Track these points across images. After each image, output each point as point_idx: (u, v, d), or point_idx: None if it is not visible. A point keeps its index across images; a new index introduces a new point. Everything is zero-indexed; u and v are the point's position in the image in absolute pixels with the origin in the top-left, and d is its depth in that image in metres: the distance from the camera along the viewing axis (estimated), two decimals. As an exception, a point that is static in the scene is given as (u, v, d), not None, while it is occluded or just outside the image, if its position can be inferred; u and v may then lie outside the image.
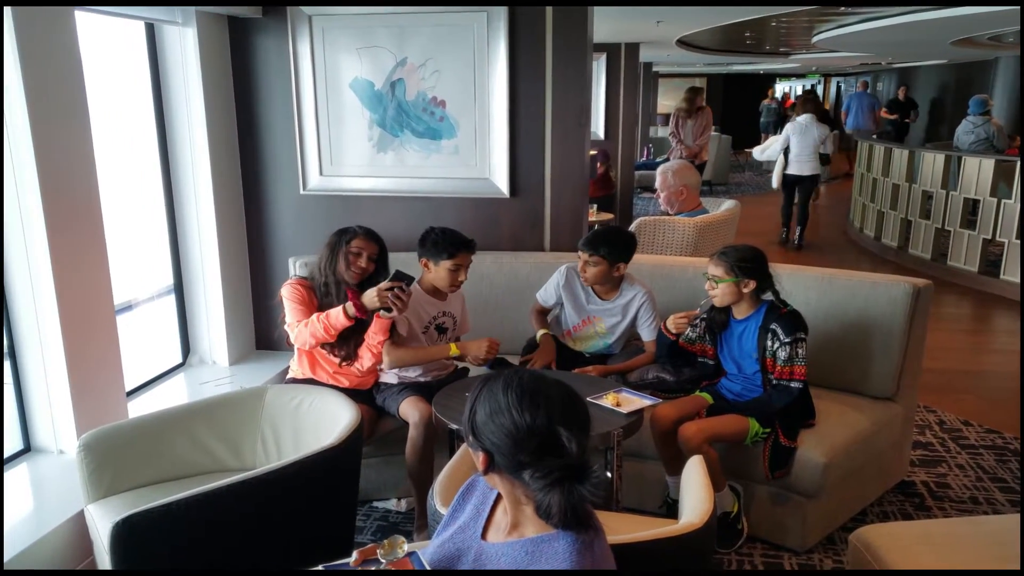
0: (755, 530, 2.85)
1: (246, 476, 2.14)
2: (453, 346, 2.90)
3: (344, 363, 2.96)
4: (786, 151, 7.76)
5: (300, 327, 2.86)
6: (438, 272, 2.90)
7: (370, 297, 2.75)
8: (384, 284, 2.74)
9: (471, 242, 2.91)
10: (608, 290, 3.15)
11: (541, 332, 3.18)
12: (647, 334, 3.13)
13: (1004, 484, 3.31)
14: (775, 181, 8.21)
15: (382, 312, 2.78)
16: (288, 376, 3.10)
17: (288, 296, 2.94)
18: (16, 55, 2.44)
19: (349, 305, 2.77)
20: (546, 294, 3.26)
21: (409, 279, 2.78)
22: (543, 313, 3.30)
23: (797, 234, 8.12)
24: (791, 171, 7.75)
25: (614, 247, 3.03)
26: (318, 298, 2.95)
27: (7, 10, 2.41)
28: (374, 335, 2.87)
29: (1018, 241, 6.24)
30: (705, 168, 9.09)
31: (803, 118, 7.67)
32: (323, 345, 2.91)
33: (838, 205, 10.93)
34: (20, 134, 2.50)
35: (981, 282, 6.56)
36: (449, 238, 2.87)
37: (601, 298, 3.16)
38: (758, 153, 8.63)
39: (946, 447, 3.66)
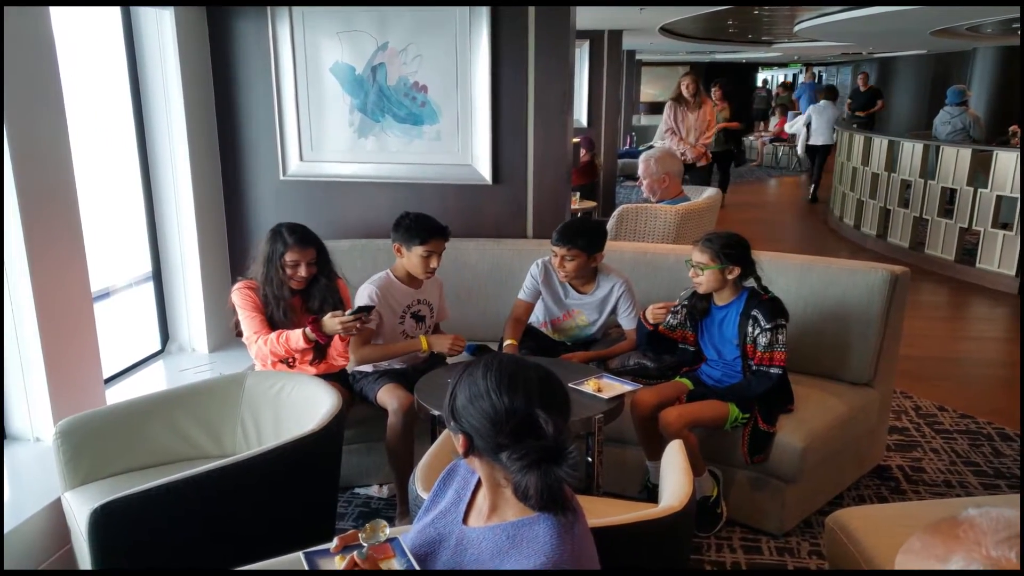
0: (734, 514, 2.88)
1: (225, 462, 2.13)
2: (423, 339, 2.89)
3: (315, 362, 2.92)
4: (808, 126, 10.60)
5: (260, 344, 2.78)
6: (410, 258, 2.88)
7: (332, 326, 2.69)
8: (348, 317, 2.68)
9: (445, 228, 2.88)
10: (585, 283, 3.11)
11: (508, 343, 3.04)
12: (627, 323, 3.12)
13: (977, 468, 3.36)
14: (800, 150, 11.68)
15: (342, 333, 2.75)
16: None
17: (241, 304, 2.83)
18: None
19: (308, 331, 2.71)
20: (527, 293, 3.17)
21: (370, 308, 2.78)
22: (519, 321, 3.16)
23: (812, 190, 10.59)
24: (812, 142, 10.45)
25: (591, 237, 2.99)
26: (265, 307, 2.85)
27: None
28: (341, 344, 2.89)
29: (994, 230, 6.32)
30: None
31: (822, 102, 10.56)
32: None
33: (819, 193, 11.00)
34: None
35: (957, 270, 6.65)
36: (422, 224, 2.85)
37: (579, 291, 3.12)
38: (788, 128, 12.50)
39: (921, 432, 3.71)
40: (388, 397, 2.80)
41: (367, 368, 2.98)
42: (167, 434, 2.55)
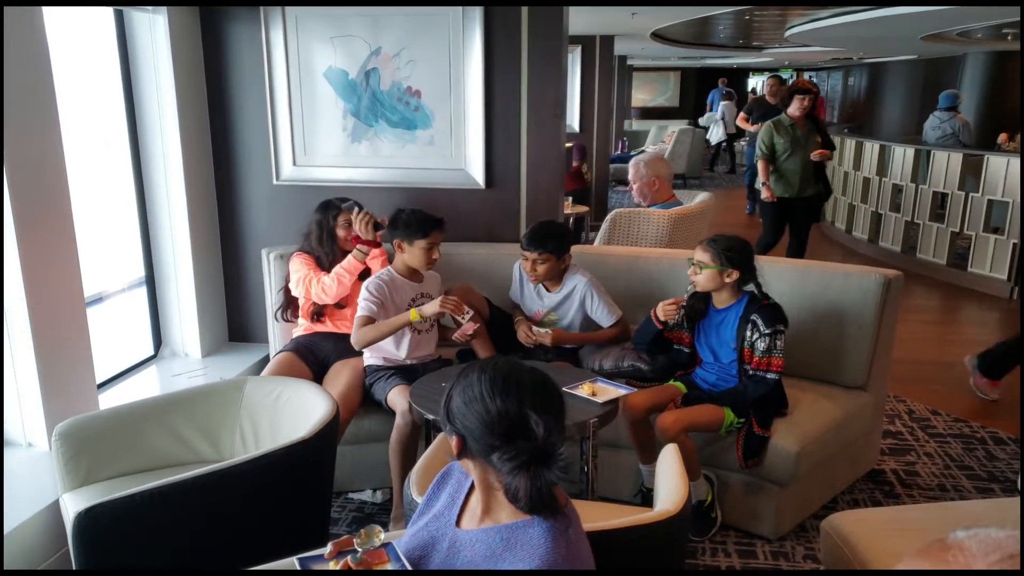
0: (728, 518, 2.88)
1: (212, 468, 2.11)
2: (413, 312, 2.90)
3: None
4: None
5: (325, 280, 3.14)
6: (413, 252, 2.96)
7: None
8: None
9: (441, 220, 3.01)
10: (553, 283, 3.17)
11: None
12: (604, 320, 3.14)
13: (971, 472, 3.38)
14: None
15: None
16: (296, 334, 3.33)
17: (296, 269, 3.23)
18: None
19: (358, 251, 3.13)
20: (512, 292, 3.32)
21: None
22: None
23: None
24: None
25: (560, 240, 3.06)
26: (324, 269, 3.23)
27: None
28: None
29: (986, 234, 6.36)
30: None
31: None
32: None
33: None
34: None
35: (949, 274, 6.67)
36: (421, 218, 2.97)
37: (547, 290, 3.19)
38: None
39: (915, 436, 3.72)
40: (398, 398, 2.83)
41: (377, 361, 3.02)
42: (166, 438, 2.54)
